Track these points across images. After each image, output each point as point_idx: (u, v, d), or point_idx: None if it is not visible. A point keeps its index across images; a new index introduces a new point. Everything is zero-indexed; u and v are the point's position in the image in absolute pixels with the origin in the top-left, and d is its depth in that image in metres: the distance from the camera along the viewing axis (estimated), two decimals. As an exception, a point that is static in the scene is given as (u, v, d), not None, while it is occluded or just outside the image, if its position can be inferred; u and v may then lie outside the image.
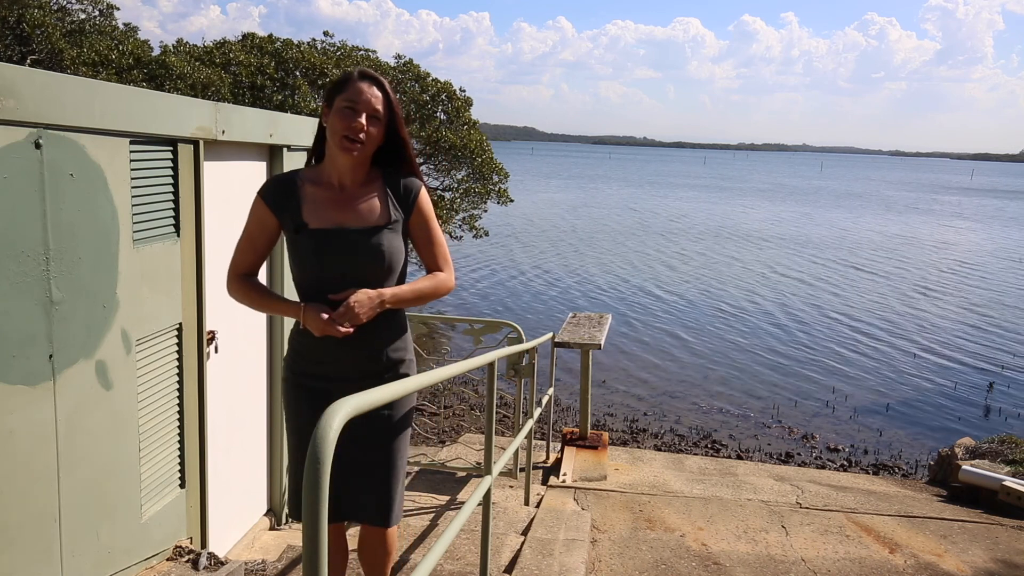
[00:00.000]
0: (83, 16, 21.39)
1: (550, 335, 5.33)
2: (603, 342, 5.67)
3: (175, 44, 16.68)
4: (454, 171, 16.71)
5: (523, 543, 3.60)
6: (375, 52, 17.69)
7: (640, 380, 11.04)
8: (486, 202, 17.12)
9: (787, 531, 4.30)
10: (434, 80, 16.53)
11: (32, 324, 2.05)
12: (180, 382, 2.80)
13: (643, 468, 5.50)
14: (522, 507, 4.44)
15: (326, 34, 18.04)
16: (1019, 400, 10.75)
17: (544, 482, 5.10)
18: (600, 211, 38.63)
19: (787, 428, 9.38)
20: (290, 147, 3.57)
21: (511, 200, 17.47)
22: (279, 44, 16.18)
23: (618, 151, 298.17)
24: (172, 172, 2.67)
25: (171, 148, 2.65)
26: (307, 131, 3.74)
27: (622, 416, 9.45)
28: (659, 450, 7.86)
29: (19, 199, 1.98)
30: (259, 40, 16.34)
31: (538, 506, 4.46)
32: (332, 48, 17.34)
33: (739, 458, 7.83)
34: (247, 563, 3.07)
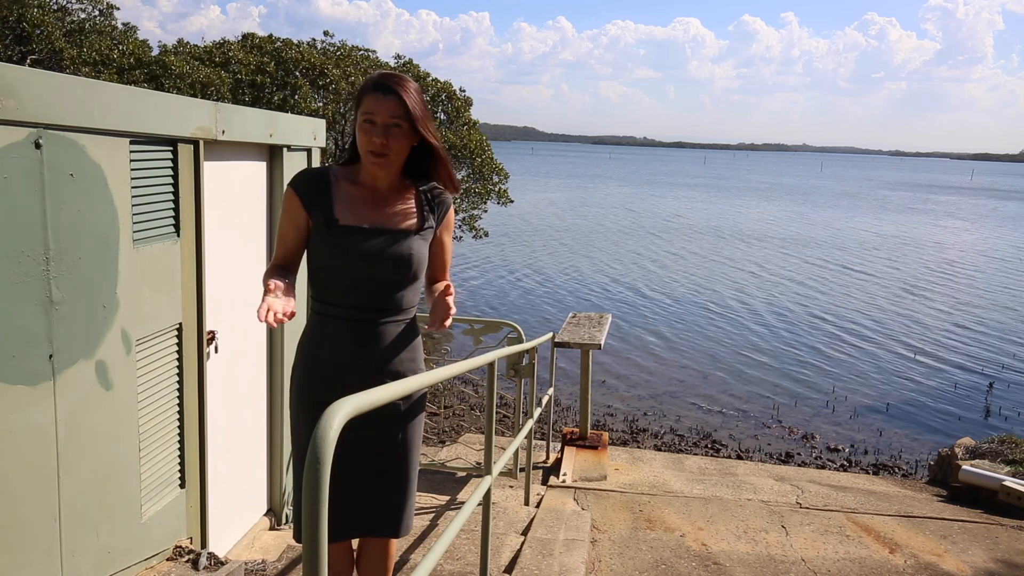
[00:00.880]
0: (83, 16, 21.39)
1: (550, 335, 5.34)
2: (603, 342, 5.67)
3: (175, 44, 16.67)
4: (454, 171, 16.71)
5: (523, 543, 3.60)
6: (375, 52, 17.69)
7: (640, 380, 11.04)
8: (486, 202, 17.10)
9: (787, 531, 4.30)
10: (434, 80, 16.53)
11: (32, 324, 2.05)
12: (180, 382, 2.80)
13: (643, 468, 5.50)
14: (522, 507, 4.44)
15: (326, 34, 18.06)
16: (1019, 400, 10.75)
17: (544, 482, 5.10)
18: (599, 210, 38.65)
19: (787, 428, 9.37)
20: (290, 147, 3.57)
21: (511, 200, 17.46)
22: (279, 44, 16.16)
23: (618, 151, 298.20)
24: (172, 172, 2.67)
25: (171, 148, 2.64)
26: (307, 131, 3.74)
27: (622, 416, 9.45)
28: (659, 450, 7.86)
29: (19, 199, 1.98)
30: (259, 40, 16.32)
31: (538, 506, 4.46)
32: (332, 48, 17.34)
33: (739, 458, 7.83)
34: (247, 563, 3.07)
